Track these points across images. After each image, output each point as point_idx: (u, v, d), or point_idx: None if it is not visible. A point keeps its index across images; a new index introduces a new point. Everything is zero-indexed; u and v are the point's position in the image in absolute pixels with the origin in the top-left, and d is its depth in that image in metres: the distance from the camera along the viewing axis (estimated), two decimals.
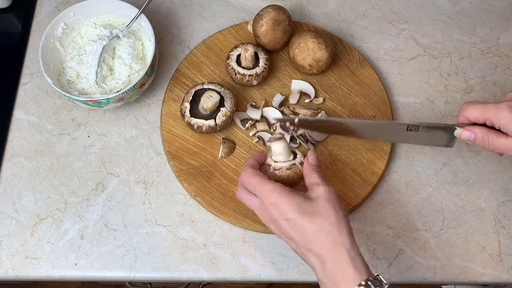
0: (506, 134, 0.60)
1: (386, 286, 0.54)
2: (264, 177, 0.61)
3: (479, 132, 0.60)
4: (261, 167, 0.65)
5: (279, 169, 0.64)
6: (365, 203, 0.78)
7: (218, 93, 0.76)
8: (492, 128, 0.62)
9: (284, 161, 0.64)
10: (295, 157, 0.65)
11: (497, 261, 0.75)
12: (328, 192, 0.59)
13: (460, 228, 0.77)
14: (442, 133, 0.65)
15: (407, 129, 0.65)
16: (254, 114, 0.80)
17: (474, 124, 0.64)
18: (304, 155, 0.65)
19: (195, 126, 0.75)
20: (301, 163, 0.64)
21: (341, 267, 0.55)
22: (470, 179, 0.80)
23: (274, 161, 0.64)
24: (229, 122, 0.77)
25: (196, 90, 0.77)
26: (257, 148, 0.79)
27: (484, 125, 0.63)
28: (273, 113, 0.81)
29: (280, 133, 0.68)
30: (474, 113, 0.60)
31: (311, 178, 0.62)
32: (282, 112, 0.81)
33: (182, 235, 0.75)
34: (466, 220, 0.77)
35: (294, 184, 0.65)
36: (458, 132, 0.62)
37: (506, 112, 0.58)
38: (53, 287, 1.12)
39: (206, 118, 0.76)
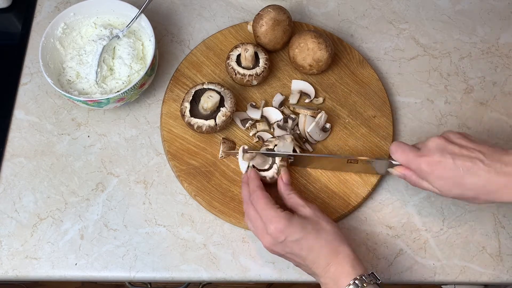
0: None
1: (379, 282, 0.62)
2: (271, 201, 0.68)
3: (407, 174, 0.70)
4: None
5: (263, 177, 0.74)
6: (365, 203, 0.78)
7: (218, 93, 0.76)
8: None
9: (267, 169, 0.74)
10: (273, 161, 0.74)
11: (497, 261, 0.75)
12: (315, 210, 0.68)
13: (460, 228, 0.77)
14: (380, 165, 0.74)
15: (347, 162, 0.75)
16: (254, 114, 0.80)
17: None
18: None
19: (195, 126, 0.75)
20: (279, 168, 0.74)
21: (343, 269, 0.63)
22: None
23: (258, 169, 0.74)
24: (229, 122, 0.77)
25: (196, 90, 0.77)
26: (258, 148, 0.79)
27: None
28: (273, 113, 0.81)
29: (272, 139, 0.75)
30: (400, 159, 0.69)
31: (293, 199, 0.70)
32: (282, 112, 0.81)
33: (182, 235, 0.75)
34: (466, 220, 0.77)
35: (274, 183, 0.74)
36: (391, 170, 0.72)
37: (424, 169, 0.66)
38: (53, 287, 1.12)
39: (206, 118, 0.76)
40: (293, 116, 0.80)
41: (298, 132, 0.79)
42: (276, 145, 0.75)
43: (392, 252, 0.75)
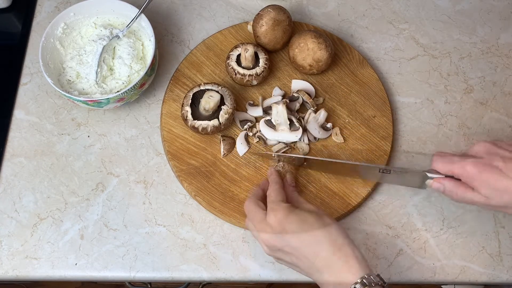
0: (472, 188, 0.64)
1: (386, 284, 0.59)
2: (283, 198, 0.68)
3: (448, 185, 0.65)
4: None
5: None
6: (365, 203, 0.78)
7: (217, 92, 0.76)
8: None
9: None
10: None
11: (497, 261, 0.75)
12: (317, 207, 0.67)
13: (460, 228, 0.77)
14: (414, 177, 0.70)
15: (379, 171, 0.72)
16: (255, 112, 0.80)
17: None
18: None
19: (200, 128, 0.75)
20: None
21: (349, 266, 0.60)
22: None
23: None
24: (232, 119, 0.77)
25: (194, 93, 0.77)
26: (258, 148, 0.79)
27: None
28: (274, 100, 0.81)
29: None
30: (443, 168, 0.65)
31: (295, 197, 0.70)
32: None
33: (182, 235, 0.75)
34: (466, 220, 0.77)
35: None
36: (429, 182, 0.67)
37: (470, 169, 0.61)
38: (53, 287, 1.12)
39: (209, 118, 0.75)
40: (296, 94, 0.80)
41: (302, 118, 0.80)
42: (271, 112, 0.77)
43: (392, 252, 0.75)
